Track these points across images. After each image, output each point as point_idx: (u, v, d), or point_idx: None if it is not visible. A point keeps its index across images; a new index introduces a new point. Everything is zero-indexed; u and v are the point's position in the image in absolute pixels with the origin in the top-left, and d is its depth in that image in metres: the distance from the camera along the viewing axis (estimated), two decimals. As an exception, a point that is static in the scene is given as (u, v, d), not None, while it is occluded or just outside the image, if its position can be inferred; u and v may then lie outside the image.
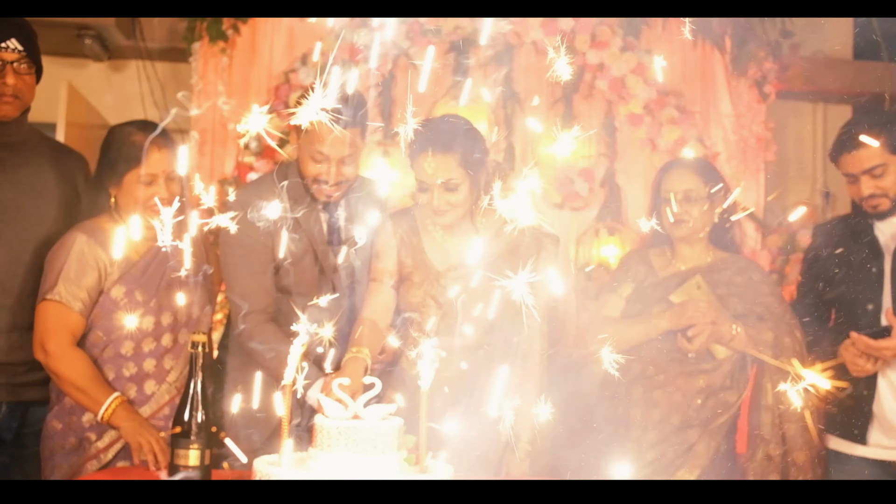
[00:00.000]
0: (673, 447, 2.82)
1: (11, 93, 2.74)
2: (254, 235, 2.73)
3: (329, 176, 2.71)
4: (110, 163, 2.69)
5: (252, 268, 2.75)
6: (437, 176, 2.62)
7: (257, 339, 2.68)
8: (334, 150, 2.67)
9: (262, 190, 2.78)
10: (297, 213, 2.80)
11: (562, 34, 4.45)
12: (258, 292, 2.74)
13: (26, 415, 2.81)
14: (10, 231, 2.76)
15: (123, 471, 2.51)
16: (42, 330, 2.62)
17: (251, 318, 2.70)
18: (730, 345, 2.84)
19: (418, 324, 2.77)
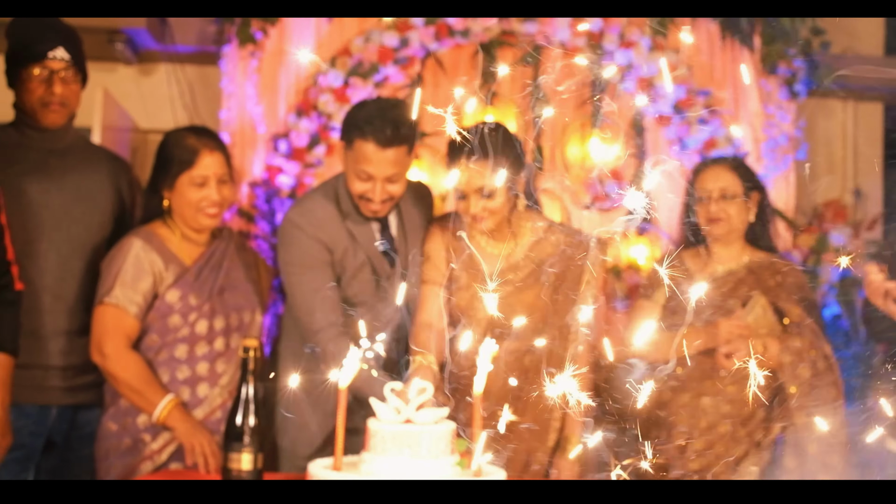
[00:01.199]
0: (721, 460, 2.81)
1: (59, 101, 2.78)
2: (312, 252, 2.74)
3: (374, 194, 2.69)
4: (163, 166, 2.74)
5: (315, 284, 2.74)
6: (474, 183, 2.63)
7: (331, 355, 2.66)
8: (380, 169, 2.66)
9: (315, 205, 2.79)
10: (353, 228, 2.78)
11: (589, 34, 4.46)
12: (326, 307, 2.73)
13: (76, 418, 2.85)
14: (60, 237, 2.80)
15: (176, 473, 2.54)
16: (99, 333, 2.66)
17: (322, 335, 2.71)
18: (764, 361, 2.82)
19: (466, 328, 2.78)
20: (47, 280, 2.77)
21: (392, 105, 2.67)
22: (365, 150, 2.63)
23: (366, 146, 2.63)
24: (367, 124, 2.61)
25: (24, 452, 2.71)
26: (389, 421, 2.08)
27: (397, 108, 2.66)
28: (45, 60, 2.75)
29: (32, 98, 2.77)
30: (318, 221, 2.75)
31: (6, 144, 2.81)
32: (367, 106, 2.68)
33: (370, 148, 2.62)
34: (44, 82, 2.76)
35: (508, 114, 4.54)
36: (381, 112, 2.63)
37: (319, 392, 2.76)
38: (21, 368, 2.59)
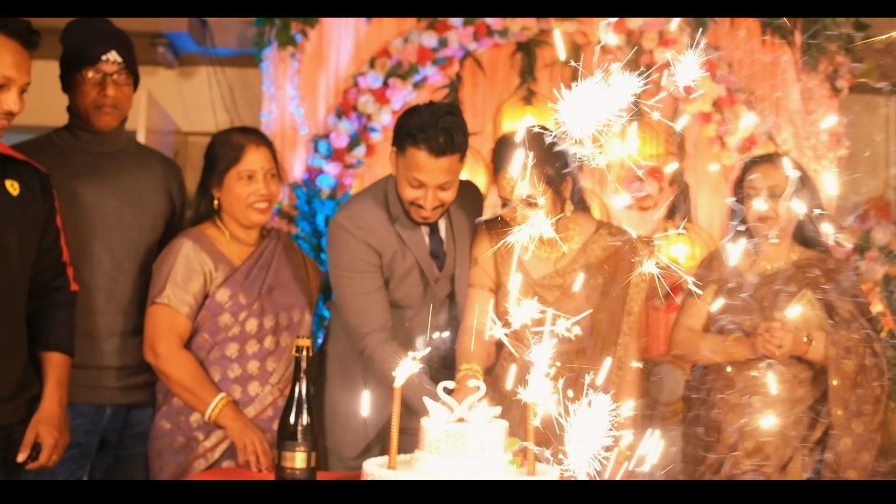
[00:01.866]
0: (771, 460, 2.80)
1: (111, 104, 2.82)
2: (361, 256, 2.75)
3: (426, 202, 2.67)
4: (211, 165, 2.78)
5: (363, 287, 2.75)
6: (520, 192, 2.62)
7: (378, 361, 2.70)
8: (432, 177, 2.64)
9: (364, 208, 2.79)
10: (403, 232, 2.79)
11: (629, 33, 4.45)
12: (374, 311, 2.75)
13: (129, 417, 2.90)
14: (112, 239, 2.84)
15: (229, 471, 2.57)
16: (152, 332, 2.70)
17: (371, 337, 2.72)
18: (808, 356, 2.80)
19: (515, 332, 2.79)
20: (101, 281, 2.82)
21: (445, 111, 2.64)
22: (417, 159, 2.61)
23: (418, 154, 2.61)
24: (420, 132, 2.59)
25: (80, 451, 2.75)
26: (443, 420, 2.09)
27: (450, 115, 2.63)
28: (99, 64, 2.80)
29: (86, 101, 2.82)
30: (366, 225, 2.75)
31: (60, 147, 2.85)
32: (420, 112, 2.65)
33: (423, 156, 2.60)
34: (97, 85, 2.81)
35: (547, 114, 4.53)
36: (434, 119, 2.59)
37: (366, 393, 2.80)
38: (76, 368, 2.63)
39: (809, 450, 2.80)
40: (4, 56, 2.30)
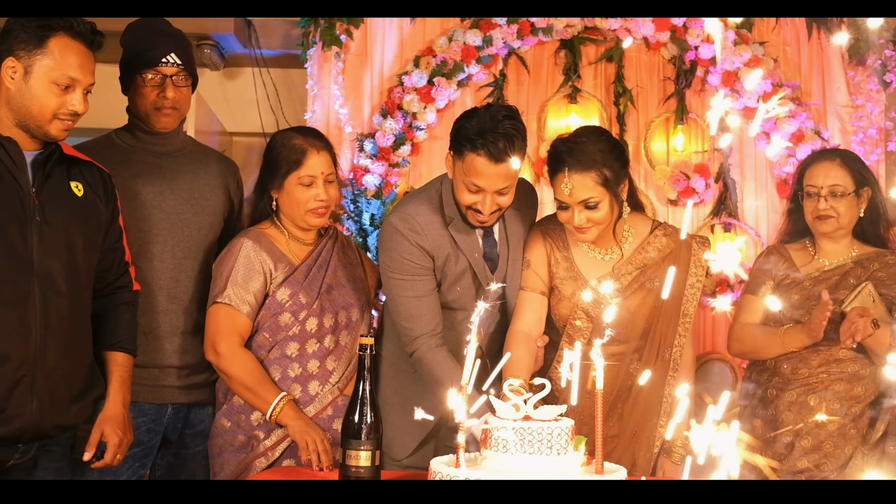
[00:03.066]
0: (830, 459, 2.77)
1: (171, 105, 2.85)
2: (414, 259, 2.73)
3: (484, 207, 2.63)
4: (272, 166, 2.78)
5: (415, 291, 2.73)
6: (577, 196, 2.61)
7: (426, 365, 2.70)
8: (491, 183, 2.59)
9: (418, 211, 2.77)
10: (457, 235, 2.76)
11: (673, 28, 4.43)
12: (426, 315, 2.73)
13: (189, 416, 2.92)
14: (173, 238, 2.87)
15: (290, 469, 2.58)
16: (213, 332, 2.72)
17: (421, 341, 2.71)
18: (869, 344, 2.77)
19: (568, 335, 2.78)
20: (162, 281, 2.84)
21: (503, 115, 2.58)
22: (476, 164, 2.56)
23: (477, 160, 2.56)
24: (480, 137, 2.53)
25: (142, 449, 2.78)
26: (509, 418, 2.10)
27: (509, 119, 2.58)
28: (159, 66, 2.82)
29: (146, 102, 2.84)
30: (420, 228, 2.72)
31: (121, 148, 2.88)
32: (479, 116, 2.59)
33: (482, 162, 2.55)
34: (156, 87, 2.83)
35: (592, 111, 4.53)
36: (494, 124, 2.54)
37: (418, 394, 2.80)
38: (138, 368, 2.66)
39: (870, 448, 2.77)
40: (70, 57, 2.33)
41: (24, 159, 2.37)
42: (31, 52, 2.31)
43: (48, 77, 2.31)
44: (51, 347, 2.33)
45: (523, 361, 2.68)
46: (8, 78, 2.33)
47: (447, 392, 2.63)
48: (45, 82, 2.31)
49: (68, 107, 2.34)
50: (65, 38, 2.33)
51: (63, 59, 2.32)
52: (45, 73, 2.31)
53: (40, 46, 2.31)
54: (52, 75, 2.31)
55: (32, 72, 2.31)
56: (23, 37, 2.31)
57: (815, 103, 4.45)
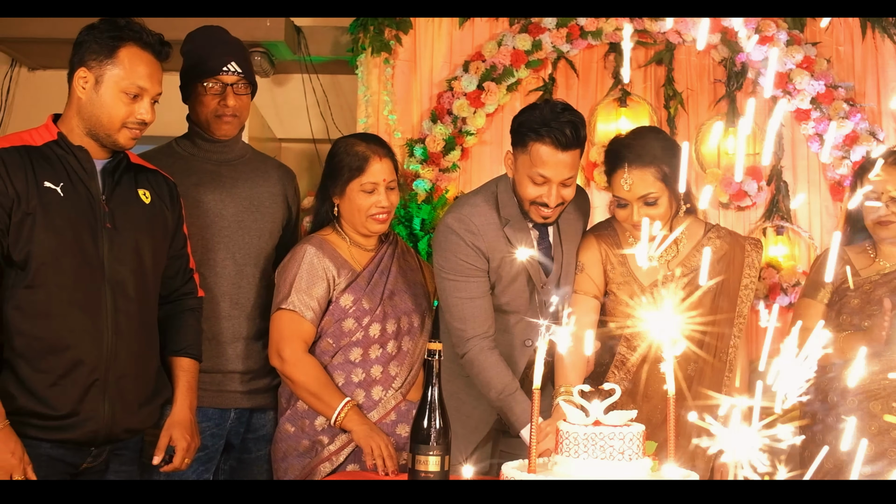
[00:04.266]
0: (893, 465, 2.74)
1: (231, 113, 2.88)
2: (469, 260, 2.73)
3: (550, 199, 2.64)
4: (334, 173, 2.80)
5: (469, 292, 2.74)
6: (636, 191, 2.61)
7: (478, 367, 2.70)
8: (557, 172, 2.61)
9: (474, 211, 2.77)
10: (514, 236, 2.77)
11: (724, 30, 4.40)
12: (479, 317, 2.74)
13: (251, 421, 2.94)
14: (235, 245, 2.90)
15: (355, 474, 2.60)
16: (278, 338, 2.74)
17: (473, 343, 2.72)
18: None
19: (626, 339, 2.78)
20: (225, 287, 2.87)
21: (562, 108, 2.63)
22: (542, 154, 2.59)
23: (543, 149, 2.58)
24: (544, 126, 2.57)
25: (206, 453, 2.81)
26: (579, 423, 2.09)
27: (568, 111, 2.62)
28: (220, 75, 2.85)
29: (207, 111, 2.87)
30: (476, 228, 2.73)
31: (182, 156, 2.92)
32: (540, 108, 2.64)
33: (547, 151, 2.58)
34: (217, 95, 2.86)
35: (642, 114, 4.51)
36: (555, 115, 2.59)
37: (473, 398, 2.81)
38: (202, 373, 2.69)
39: None
40: (139, 67, 2.37)
41: (94, 167, 2.41)
42: (102, 63, 2.35)
43: (118, 86, 2.35)
44: (122, 352, 2.38)
45: (576, 365, 2.68)
46: (79, 88, 2.37)
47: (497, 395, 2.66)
48: (115, 91, 2.35)
49: (137, 116, 2.37)
50: (134, 49, 2.37)
51: (132, 69, 2.36)
52: (115, 82, 2.35)
53: (110, 56, 2.35)
54: (121, 84, 2.35)
55: (103, 81, 2.35)
56: (94, 47, 2.36)
57: (869, 104, 4.40)
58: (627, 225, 2.71)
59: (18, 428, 2.23)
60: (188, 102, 2.94)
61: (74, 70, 2.39)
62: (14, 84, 5.02)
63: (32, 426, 2.27)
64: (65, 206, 2.34)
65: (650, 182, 2.61)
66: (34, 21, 4.39)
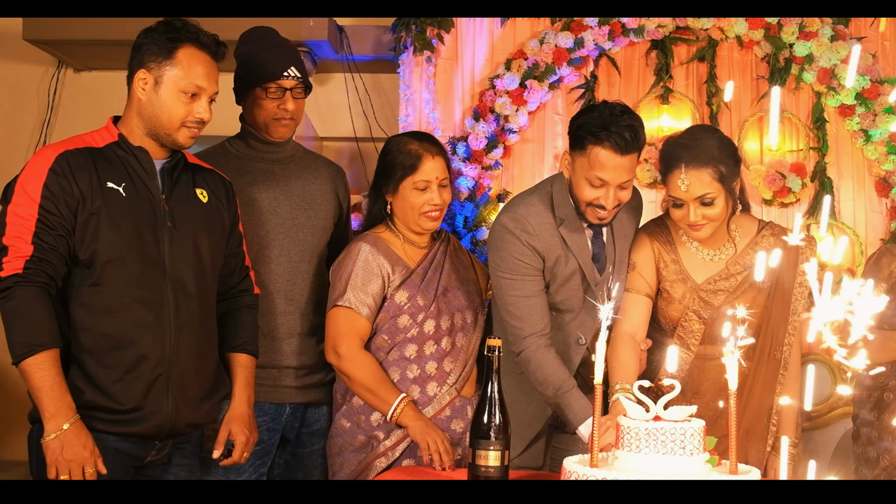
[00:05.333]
0: None
1: (290, 116, 2.92)
2: (524, 260, 2.75)
3: (607, 201, 2.65)
4: (387, 171, 2.83)
5: (525, 291, 2.75)
6: (693, 192, 2.61)
7: (534, 365, 2.71)
8: (615, 176, 2.62)
9: (530, 211, 2.79)
10: (569, 236, 2.78)
11: (767, 27, 4.39)
12: (535, 315, 2.75)
13: (305, 416, 2.98)
14: (289, 242, 2.93)
15: (411, 469, 2.62)
16: (334, 334, 2.77)
17: (530, 340, 2.73)
18: None
19: (680, 336, 2.79)
20: (280, 284, 2.90)
21: (621, 110, 2.62)
22: (601, 157, 2.59)
23: (602, 153, 2.58)
24: (604, 130, 2.57)
25: (263, 448, 2.84)
26: (640, 418, 2.10)
27: (627, 114, 2.62)
28: (280, 79, 2.88)
29: (265, 114, 2.91)
30: (532, 228, 2.75)
31: (235, 156, 2.96)
32: (598, 111, 2.64)
33: (606, 154, 2.58)
34: (277, 99, 2.89)
35: (684, 111, 4.50)
36: (615, 117, 2.58)
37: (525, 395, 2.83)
38: (259, 368, 2.73)
39: None
40: (196, 67, 2.41)
41: (154, 167, 2.46)
42: (161, 64, 2.40)
43: (177, 86, 2.40)
44: (184, 347, 2.42)
45: (629, 363, 2.69)
46: (139, 89, 2.42)
47: (554, 392, 2.66)
48: (174, 91, 2.40)
49: (195, 115, 2.42)
50: (191, 49, 2.42)
51: (190, 69, 2.40)
52: (174, 82, 2.40)
53: (169, 57, 2.40)
54: (180, 84, 2.39)
55: (162, 82, 2.40)
56: (153, 49, 2.41)
57: (915, 100, 4.36)
58: (683, 225, 2.71)
59: (86, 421, 2.28)
60: (243, 104, 2.97)
61: (134, 72, 2.44)
62: (60, 85, 5.08)
63: (99, 420, 2.32)
64: (127, 206, 2.39)
65: (707, 182, 2.61)
66: (80, 23, 4.45)
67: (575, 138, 2.67)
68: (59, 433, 2.22)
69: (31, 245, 2.27)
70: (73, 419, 2.24)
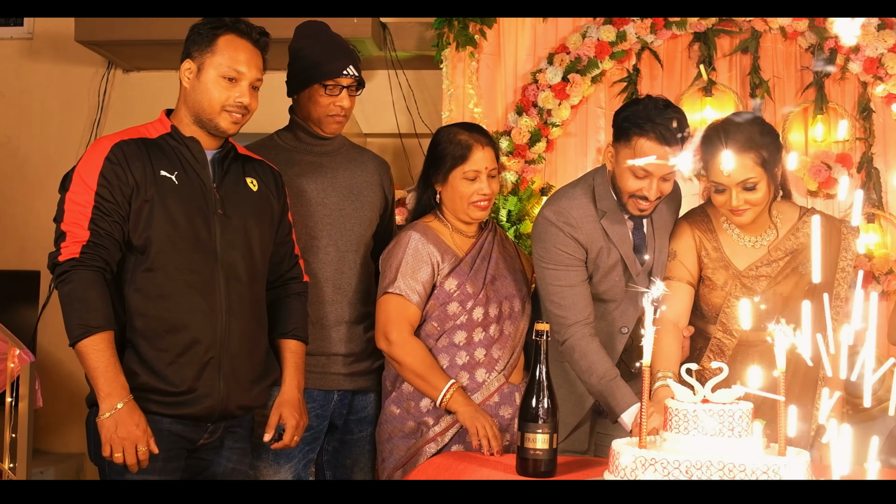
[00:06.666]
0: None
1: (344, 113, 2.96)
2: (568, 251, 2.78)
3: (650, 192, 2.69)
4: (437, 161, 2.87)
5: (569, 280, 2.79)
6: (736, 177, 2.61)
7: (579, 353, 2.73)
8: (659, 167, 2.65)
9: (572, 204, 2.83)
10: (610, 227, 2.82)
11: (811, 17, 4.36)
12: (579, 304, 2.78)
13: (353, 403, 3.02)
14: (337, 232, 2.97)
15: (459, 454, 2.65)
16: (384, 321, 2.81)
17: (575, 329, 2.75)
18: None
19: (723, 323, 2.79)
20: (328, 273, 2.94)
21: (664, 104, 2.67)
22: (645, 148, 2.62)
23: (646, 144, 2.62)
24: (648, 121, 2.61)
25: (312, 434, 2.88)
26: (688, 400, 2.11)
27: (671, 108, 2.67)
28: (339, 77, 2.92)
29: (320, 110, 2.94)
30: (574, 220, 2.78)
31: (284, 149, 3.00)
32: (643, 103, 2.68)
33: (650, 146, 2.62)
34: (333, 96, 2.93)
35: (727, 103, 4.48)
36: (659, 110, 2.63)
37: (568, 382, 2.85)
38: (308, 355, 2.77)
39: None
40: (235, 53, 2.48)
41: (205, 157, 2.51)
42: (203, 52, 2.47)
43: (217, 71, 2.46)
44: (234, 331, 2.47)
45: (672, 351, 2.69)
46: (185, 78, 2.49)
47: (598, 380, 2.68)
48: (214, 76, 2.46)
49: (235, 99, 2.46)
50: (231, 36, 2.49)
51: (229, 55, 2.47)
52: (214, 68, 2.46)
53: (210, 45, 2.47)
54: (219, 69, 2.46)
55: (204, 69, 2.47)
56: (197, 39, 2.49)
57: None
58: (724, 210, 2.71)
59: (141, 403, 2.34)
60: (295, 98, 3.02)
61: (181, 64, 2.50)
62: (110, 85, 5.19)
63: (153, 402, 2.38)
64: (179, 194, 2.44)
65: (749, 167, 2.61)
66: (129, 24, 4.54)
67: (619, 130, 2.71)
68: (113, 412, 2.28)
69: (87, 231, 2.34)
70: (126, 399, 2.30)
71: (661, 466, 1.97)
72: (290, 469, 2.85)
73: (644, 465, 2.00)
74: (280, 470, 2.83)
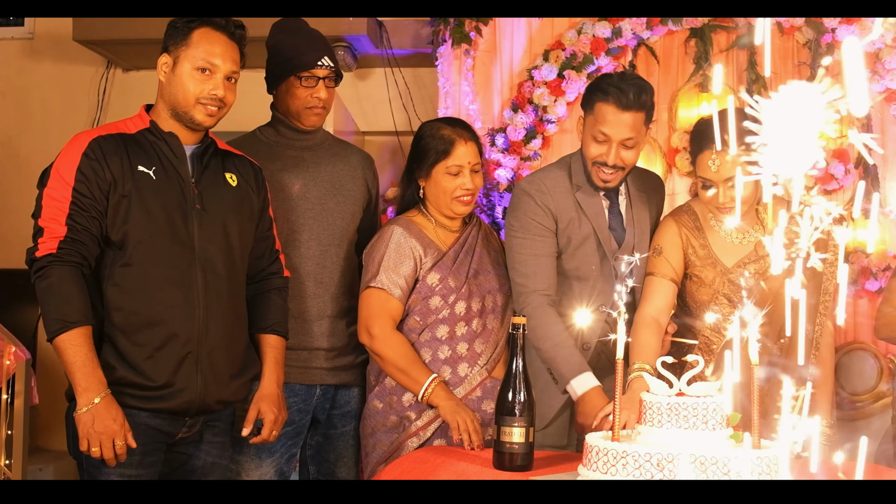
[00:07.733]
0: None
1: (322, 105, 2.96)
2: (537, 219, 2.84)
3: (609, 157, 2.74)
4: (420, 156, 2.87)
5: (535, 250, 2.84)
6: (724, 173, 2.60)
7: (535, 320, 2.74)
8: (618, 131, 2.72)
9: (547, 175, 2.90)
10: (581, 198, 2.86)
11: (809, 12, 4.33)
12: (541, 274, 2.82)
13: (336, 397, 3.01)
14: (319, 226, 2.97)
15: (442, 449, 2.64)
16: (366, 315, 2.81)
17: (533, 297, 2.79)
18: None
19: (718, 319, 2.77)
20: (310, 267, 2.94)
21: (633, 76, 2.78)
22: (605, 112, 2.71)
23: (606, 108, 2.71)
24: (610, 86, 2.70)
25: (294, 428, 2.88)
26: (663, 393, 2.10)
27: (637, 78, 2.78)
28: (314, 69, 2.93)
29: (298, 102, 2.94)
30: (546, 189, 2.85)
31: (266, 144, 3.00)
32: (611, 76, 2.80)
33: (610, 110, 2.70)
34: (310, 88, 2.93)
35: (724, 99, 4.46)
36: (624, 79, 2.73)
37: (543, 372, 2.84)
38: (289, 350, 2.77)
39: None
40: (209, 45, 2.48)
41: (184, 152, 2.52)
42: (179, 45, 2.48)
43: (191, 64, 2.47)
44: (212, 326, 2.47)
45: (650, 345, 2.68)
46: (162, 72, 2.51)
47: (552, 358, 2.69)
48: (189, 69, 2.47)
49: (209, 91, 2.46)
50: (206, 29, 2.50)
51: (203, 47, 2.47)
52: (189, 60, 2.47)
53: (185, 39, 2.48)
54: (194, 62, 2.47)
55: (179, 62, 2.48)
56: (172, 33, 2.51)
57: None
58: (712, 207, 2.70)
59: (118, 398, 2.34)
60: (275, 93, 3.02)
61: (159, 59, 2.51)
62: (109, 84, 5.21)
63: (131, 396, 2.38)
64: (157, 189, 2.45)
65: (738, 164, 2.59)
66: (128, 23, 4.56)
67: (586, 99, 2.81)
68: (90, 407, 2.29)
69: (64, 226, 2.34)
70: (103, 393, 2.30)
71: (633, 460, 1.96)
72: (273, 464, 2.85)
73: (616, 459, 1.99)
74: (262, 465, 2.84)
